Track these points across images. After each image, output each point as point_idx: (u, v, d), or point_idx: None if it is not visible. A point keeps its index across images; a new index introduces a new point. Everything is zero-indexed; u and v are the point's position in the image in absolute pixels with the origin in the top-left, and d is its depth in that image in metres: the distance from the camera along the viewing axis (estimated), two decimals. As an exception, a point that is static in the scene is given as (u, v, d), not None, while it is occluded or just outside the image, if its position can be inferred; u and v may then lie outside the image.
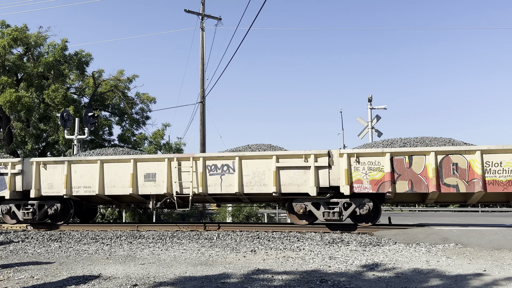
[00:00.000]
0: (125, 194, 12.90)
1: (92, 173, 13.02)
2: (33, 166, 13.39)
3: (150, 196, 13.01)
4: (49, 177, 13.33)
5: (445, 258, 7.40)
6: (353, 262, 7.19)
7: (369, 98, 21.47)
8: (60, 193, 13.19)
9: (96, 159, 13.00)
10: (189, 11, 24.16)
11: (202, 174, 12.40)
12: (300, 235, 10.76)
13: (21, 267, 7.04)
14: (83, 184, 13.10)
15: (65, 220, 13.64)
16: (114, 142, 27.42)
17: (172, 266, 7.00)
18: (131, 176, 12.71)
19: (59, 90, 22.42)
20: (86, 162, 13.13)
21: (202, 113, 23.32)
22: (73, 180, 13.13)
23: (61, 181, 13.18)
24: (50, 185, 13.32)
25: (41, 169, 13.38)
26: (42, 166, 13.38)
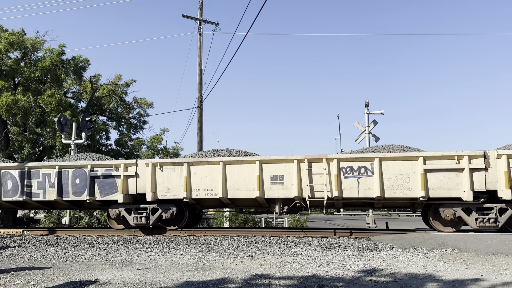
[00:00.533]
0: (250, 197, 12.14)
1: (213, 175, 12.27)
2: (148, 168, 12.64)
3: (276, 200, 12.26)
4: (166, 179, 12.57)
5: (442, 263, 7.41)
6: (351, 267, 7.19)
7: (366, 103, 21.54)
8: (178, 196, 12.43)
9: (218, 161, 12.26)
10: (186, 16, 24.22)
11: (336, 176, 11.63)
12: (297, 240, 10.75)
13: (18, 272, 7.00)
14: (204, 186, 12.33)
15: (180, 225, 12.82)
16: (111, 146, 27.38)
17: (169, 271, 6.98)
18: (257, 178, 11.98)
19: (54, 95, 22.38)
20: (207, 163, 12.38)
21: (200, 118, 23.33)
22: (192, 183, 12.37)
23: (180, 184, 12.43)
24: (167, 188, 12.54)
25: (157, 171, 12.62)
26: (159, 168, 12.62)
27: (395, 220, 32.03)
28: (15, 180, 13.43)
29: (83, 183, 12.93)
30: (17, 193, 13.36)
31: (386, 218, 35.79)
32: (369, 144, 21.09)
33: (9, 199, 13.39)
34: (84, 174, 12.98)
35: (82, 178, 12.98)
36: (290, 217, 24.82)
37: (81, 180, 12.98)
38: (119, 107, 28.22)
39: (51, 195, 13.11)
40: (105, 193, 12.89)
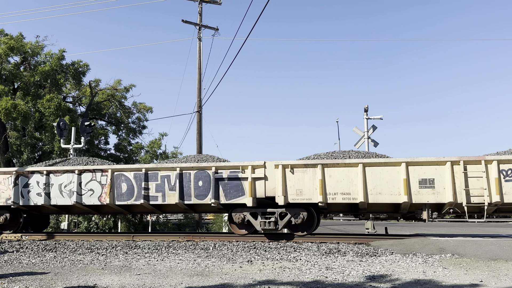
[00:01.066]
0: (395, 202, 11.48)
1: (351, 178, 11.59)
2: (277, 170, 11.94)
3: (425, 205, 11.51)
4: (298, 182, 11.88)
5: (442, 269, 7.40)
6: (350, 272, 7.17)
7: (365, 108, 21.57)
8: (312, 200, 11.73)
9: (357, 162, 11.56)
10: (186, 21, 24.28)
11: (496, 180, 10.98)
12: (296, 246, 10.73)
13: (16, 277, 6.98)
14: (340, 190, 11.64)
15: (310, 231, 12.11)
16: (110, 151, 27.37)
17: (168, 276, 6.96)
18: (404, 182, 11.23)
19: (53, 100, 22.39)
20: (344, 165, 11.68)
21: (199, 123, 23.34)
22: (327, 186, 11.68)
23: (313, 187, 11.72)
24: (299, 191, 11.83)
25: (288, 173, 11.93)
26: (289, 170, 11.91)
27: (394, 225, 32.00)
28: (130, 183, 12.72)
29: (207, 186, 12.30)
30: (133, 197, 12.66)
31: (385, 223, 35.77)
32: (367, 149, 21.08)
33: (123, 202, 12.72)
34: (207, 176, 12.34)
35: (205, 180, 12.34)
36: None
37: (204, 182, 12.34)
38: (118, 112, 28.25)
39: (171, 198, 12.48)
40: (231, 196, 12.25)
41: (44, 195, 12.97)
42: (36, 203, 13.05)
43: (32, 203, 13.09)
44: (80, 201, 12.83)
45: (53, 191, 13.01)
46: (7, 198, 13.21)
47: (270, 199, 12.12)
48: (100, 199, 12.79)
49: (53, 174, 13.08)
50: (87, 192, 12.89)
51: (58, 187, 13.02)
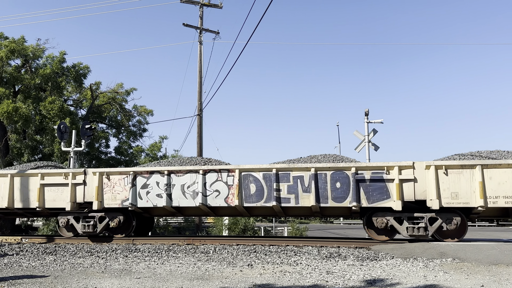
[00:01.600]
0: None
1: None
2: (428, 171, 11.25)
3: None
4: (453, 184, 11.08)
5: (443, 273, 7.37)
6: (351, 277, 7.15)
7: (365, 112, 21.55)
8: (470, 204, 11.04)
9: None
10: (187, 25, 24.33)
11: None
12: (297, 249, 10.70)
13: (16, 280, 6.96)
14: (502, 193, 10.89)
15: (460, 238, 11.40)
16: (110, 154, 27.37)
17: (168, 280, 6.94)
18: None
19: (55, 102, 22.42)
20: (507, 166, 10.93)
21: (199, 126, 23.34)
22: (487, 189, 10.93)
23: (471, 190, 11.00)
24: (454, 195, 11.02)
25: (440, 175, 11.14)
26: (443, 172, 11.15)
27: (394, 229, 31.94)
28: (259, 184, 12.07)
29: (345, 188, 11.62)
30: (262, 198, 11.99)
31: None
32: (368, 153, 21.06)
33: (252, 204, 12.11)
34: (346, 178, 11.64)
35: (343, 182, 11.64)
36: (290, 226, 24.78)
37: (343, 184, 11.64)
38: (119, 115, 28.27)
39: (304, 201, 11.77)
40: (373, 200, 11.49)
41: (166, 196, 12.44)
42: (156, 205, 12.54)
43: (151, 204, 12.56)
44: (205, 202, 12.27)
45: (175, 192, 12.47)
46: (123, 199, 12.69)
47: (418, 203, 11.45)
48: (227, 200, 12.20)
49: (175, 174, 12.53)
50: (213, 193, 12.31)
51: (180, 188, 12.46)
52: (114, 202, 12.74)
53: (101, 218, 13.00)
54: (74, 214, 13.17)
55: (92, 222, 12.88)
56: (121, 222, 12.83)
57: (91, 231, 12.88)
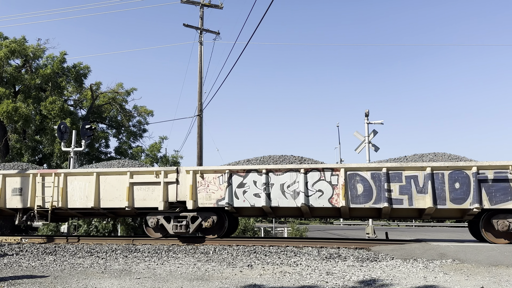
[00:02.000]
0: None
1: None
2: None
3: None
4: None
5: (443, 274, 7.37)
6: (351, 277, 7.14)
7: (366, 113, 21.57)
8: None
9: None
10: (187, 25, 24.32)
11: None
12: (297, 250, 10.70)
13: (15, 280, 6.95)
14: None
15: None
16: (110, 154, 27.37)
17: (168, 280, 6.94)
18: None
19: (56, 102, 22.43)
20: None
21: (200, 126, 23.33)
22: None
23: None
24: None
25: None
26: None
27: (394, 230, 31.95)
28: (367, 184, 11.53)
29: (465, 188, 11.03)
30: (371, 199, 11.46)
31: (385, 228, 35.71)
32: (368, 154, 21.06)
33: (359, 205, 11.52)
34: (465, 178, 11.06)
35: (463, 182, 11.06)
36: (290, 226, 24.78)
37: (462, 184, 11.06)
38: (119, 115, 28.29)
39: (420, 202, 11.21)
40: (496, 201, 10.92)
41: (265, 196, 11.93)
42: (253, 205, 12.05)
43: (248, 204, 12.07)
44: (308, 203, 11.73)
45: (274, 191, 11.96)
46: (218, 199, 12.24)
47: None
48: (331, 201, 11.67)
49: (273, 173, 12.03)
50: (315, 193, 11.77)
51: (279, 187, 11.96)
52: (209, 202, 12.28)
53: (193, 218, 12.55)
54: (165, 214, 12.69)
55: (184, 222, 12.42)
56: (214, 223, 12.40)
57: (184, 231, 12.42)
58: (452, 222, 41.64)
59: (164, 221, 12.66)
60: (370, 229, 19.48)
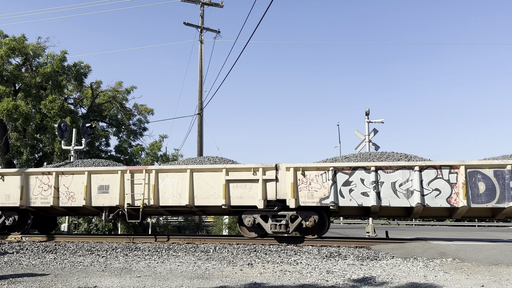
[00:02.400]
0: None
1: None
2: None
3: None
4: None
5: (443, 273, 7.37)
6: (351, 276, 7.15)
7: (366, 112, 21.56)
8: None
9: None
10: (188, 24, 24.32)
11: None
12: (297, 249, 10.70)
13: (16, 278, 6.96)
14: None
15: None
16: (111, 153, 27.38)
17: (168, 279, 6.94)
18: None
19: (56, 101, 22.43)
20: None
21: (200, 125, 23.34)
22: None
23: None
24: None
25: None
26: None
27: (395, 229, 31.96)
28: (489, 182, 10.98)
29: None
30: (494, 199, 10.89)
31: (385, 227, 35.73)
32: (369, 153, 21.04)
33: (481, 205, 11.00)
34: None
35: None
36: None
37: None
38: (119, 114, 28.28)
39: None
40: None
41: (374, 195, 11.34)
42: (361, 204, 11.48)
43: (355, 203, 11.52)
44: (423, 202, 11.17)
45: (384, 190, 11.38)
46: (321, 197, 11.68)
47: None
48: (450, 200, 11.08)
49: (383, 171, 11.46)
50: (431, 192, 11.19)
51: (390, 186, 11.38)
52: (311, 200, 11.73)
53: (292, 217, 12.06)
54: (262, 212, 12.17)
55: (283, 222, 11.90)
56: (316, 222, 11.86)
57: (283, 231, 11.93)
58: (452, 221, 41.60)
59: (261, 220, 12.14)
60: (370, 228, 19.48)
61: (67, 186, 13.13)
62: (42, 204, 13.21)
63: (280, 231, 11.96)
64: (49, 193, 13.15)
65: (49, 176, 13.24)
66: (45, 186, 13.23)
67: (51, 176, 13.22)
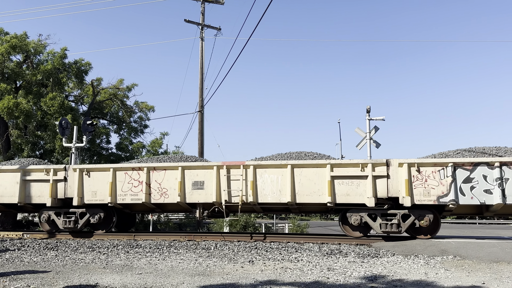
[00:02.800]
0: None
1: None
2: None
3: None
4: None
5: (444, 270, 7.38)
6: (352, 273, 7.15)
7: (367, 109, 21.49)
8: None
9: None
10: (189, 21, 24.28)
11: None
12: (298, 246, 10.71)
13: (17, 275, 6.97)
14: None
15: None
16: (111, 150, 27.39)
17: (169, 276, 6.95)
18: None
19: (56, 98, 22.42)
20: None
21: (201, 122, 23.33)
22: None
23: None
24: None
25: None
26: None
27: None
28: None
29: None
30: None
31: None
32: (370, 150, 21.03)
33: None
34: None
35: None
36: (291, 222, 24.80)
37: None
38: (120, 111, 28.27)
39: None
40: None
41: (499, 192, 10.82)
42: (483, 202, 10.98)
43: (477, 201, 11.00)
44: None
45: (509, 187, 10.85)
46: (439, 195, 11.15)
47: None
48: None
49: (507, 166, 10.94)
50: None
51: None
52: (428, 198, 11.26)
53: (404, 216, 11.54)
54: (370, 211, 11.70)
55: (395, 221, 11.43)
56: (431, 221, 11.38)
57: (395, 230, 11.45)
58: (453, 218, 41.55)
59: (369, 218, 11.65)
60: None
61: (159, 182, 12.76)
62: (133, 201, 12.86)
63: (391, 230, 11.46)
64: (139, 189, 12.79)
65: (139, 172, 12.91)
66: (135, 182, 12.89)
67: (142, 172, 12.85)
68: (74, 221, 13.22)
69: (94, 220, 13.13)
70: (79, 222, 13.23)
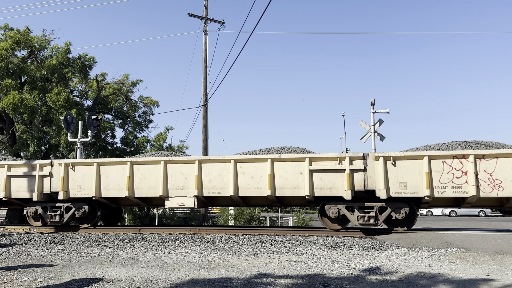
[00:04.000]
0: None
1: None
2: None
3: None
4: None
5: (448, 263, 7.39)
6: (356, 266, 7.18)
7: (371, 102, 21.45)
8: None
9: None
10: (192, 15, 24.24)
11: None
12: (302, 239, 10.75)
13: (25, 269, 7.06)
14: None
15: None
16: (116, 145, 27.51)
17: (174, 269, 7.01)
18: None
19: (61, 93, 22.51)
20: None
21: (205, 117, 23.35)
22: None
23: None
24: None
25: None
26: None
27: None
28: None
29: None
30: None
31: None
32: (374, 143, 21.00)
33: None
34: None
35: None
36: (295, 216, 24.85)
37: None
38: (125, 106, 28.35)
39: None
40: None
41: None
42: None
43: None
44: None
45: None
46: None
47: None
48: None
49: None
50: None
51: None
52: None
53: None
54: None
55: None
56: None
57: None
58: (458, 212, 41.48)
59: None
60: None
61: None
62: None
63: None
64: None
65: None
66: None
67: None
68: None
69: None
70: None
